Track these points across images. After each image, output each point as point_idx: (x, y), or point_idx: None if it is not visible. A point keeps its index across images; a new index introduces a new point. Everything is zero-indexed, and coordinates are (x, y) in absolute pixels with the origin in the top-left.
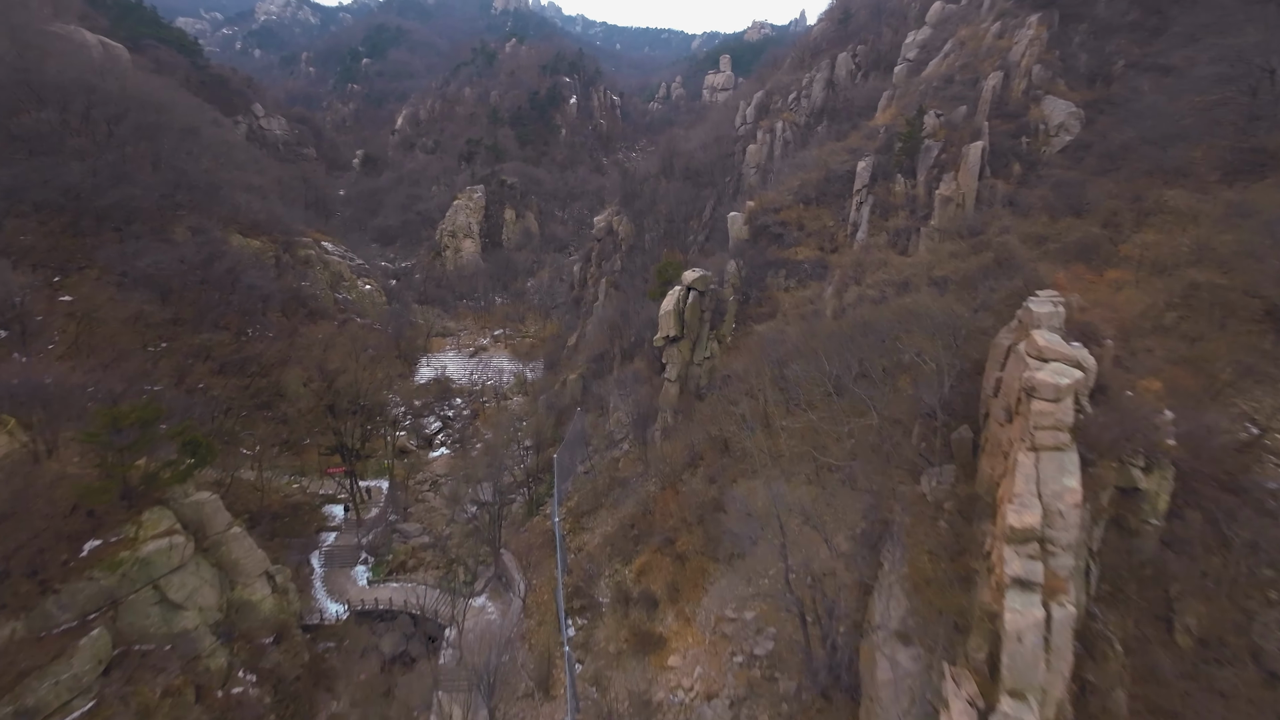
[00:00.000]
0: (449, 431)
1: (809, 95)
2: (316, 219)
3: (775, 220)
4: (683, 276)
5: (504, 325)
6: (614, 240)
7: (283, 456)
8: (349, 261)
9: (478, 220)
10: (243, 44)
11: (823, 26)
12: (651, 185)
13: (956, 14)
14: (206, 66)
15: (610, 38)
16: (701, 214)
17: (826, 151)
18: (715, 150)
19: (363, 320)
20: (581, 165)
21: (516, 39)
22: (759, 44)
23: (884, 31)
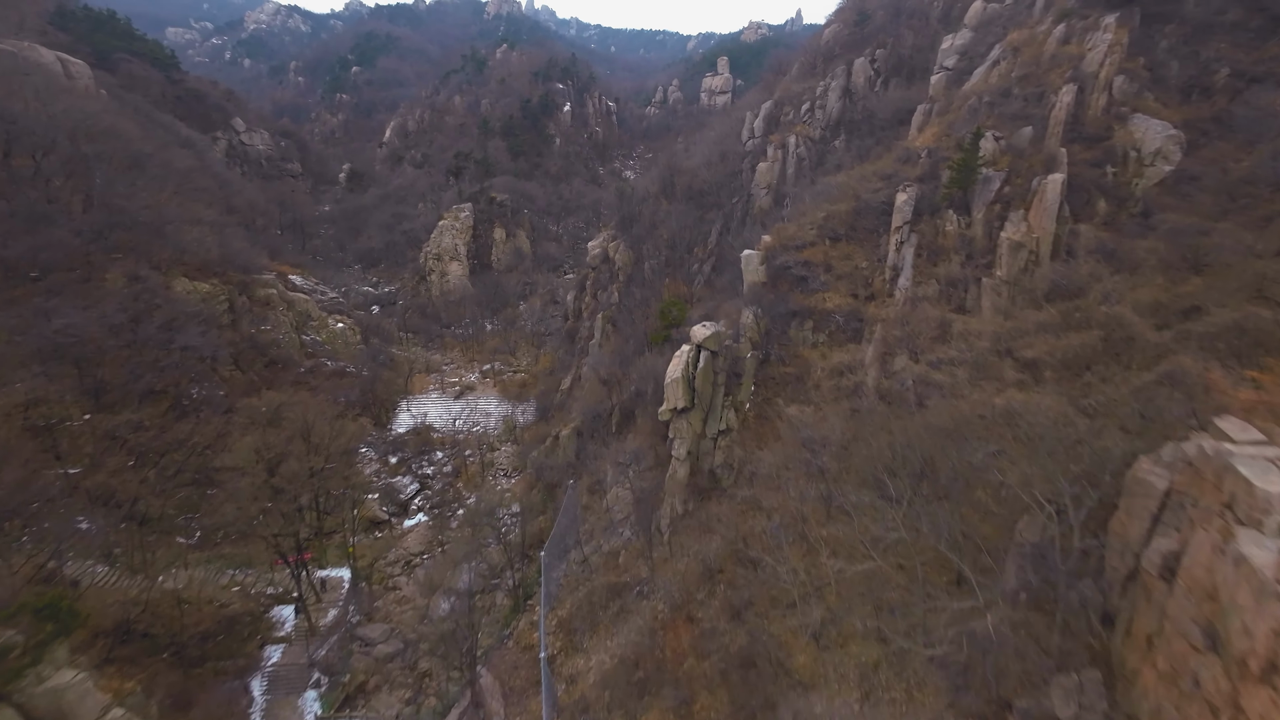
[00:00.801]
0: (427, 494)
1: (824, 106)
2: (294, 243)
3: (798, 261)
4: (692, 333)
5: (493, 358)
6: (610, 268)
7: (227, 543)
8: (320, 296)
9: (465, 241)
10: (232, 54)
11: (834, 29)
12: (651, 207)
13: (1002, 15)
14: (182, 81)
15: (605, 40)
16: (706, 240)
17: (855, 177)
18: (720, 168)
19: (333, 365)
20: (576, 177)
21: (508, 44)
22: (757, 45)
23: (904, 34)
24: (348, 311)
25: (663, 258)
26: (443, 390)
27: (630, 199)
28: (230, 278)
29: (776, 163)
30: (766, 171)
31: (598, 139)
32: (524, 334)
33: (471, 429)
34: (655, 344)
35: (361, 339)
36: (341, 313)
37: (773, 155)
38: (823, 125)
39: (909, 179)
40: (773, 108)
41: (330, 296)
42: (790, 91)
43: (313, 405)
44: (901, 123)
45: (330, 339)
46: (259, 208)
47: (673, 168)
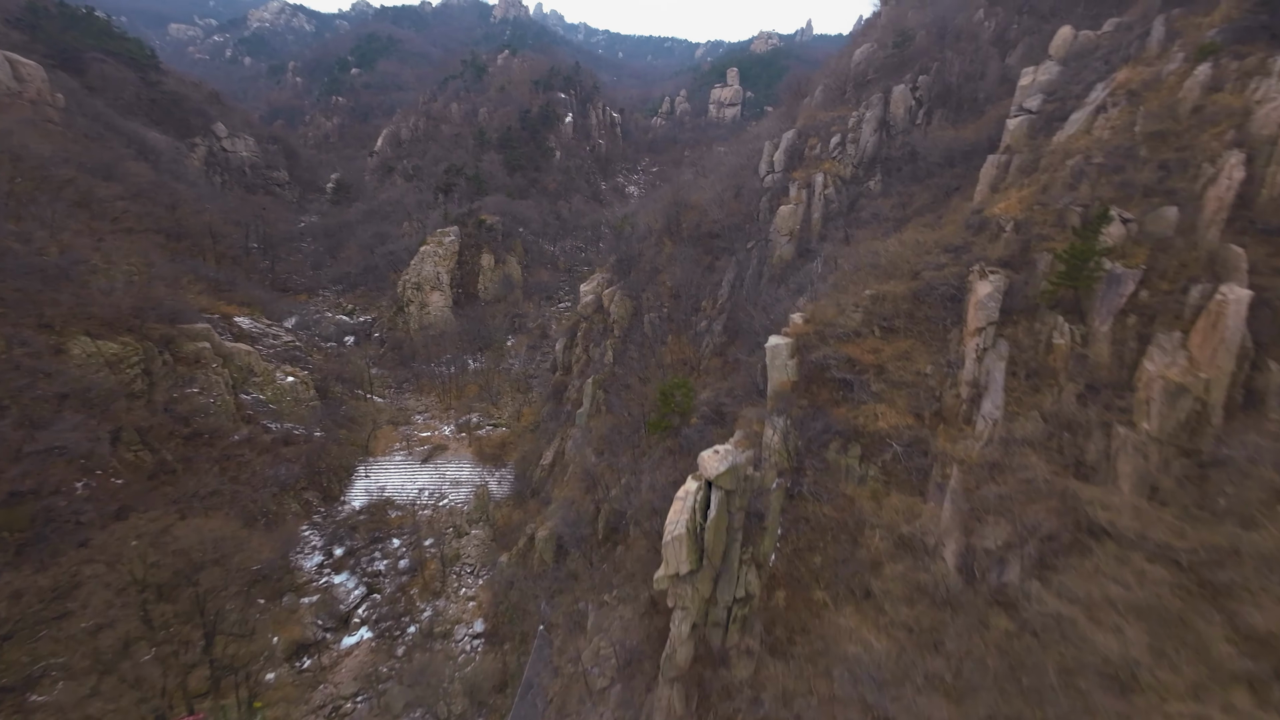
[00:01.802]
0: (375, 600)
1: (855, 140)
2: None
3: (838, 357)
4: (701, 462)
5: (472, 407)
6: (604, 320)
7: (94, 702)
8: (270, 342)
9: (449, 269)
10: (233, 52)
11: (867, 50)
12: (653, 247)
13: (1100, 46)
14: (159, 83)
15: (613, 46)
16: (717, 293)
17: (909, 245)
18: (734, 205)
19: (278, 429)
20: (576, 193)
21: (510, 50)
22: (767, 56)
23: (950, 58)
24: (305, 356)
25: (665, 310)
26: (409, 451)
27: (629, 238)
28: (150, 331)
29: (800, 205)
30: (789, 216)
31: (600, 152)
32: (509, 376)
33: (439, 503)
34: (653, 431)
35: (316, 393)
36: (295, 361)
37: (796, 196)
38: (855, 162)
39: (988, 259)
40: (795, 139)
41: (284, 340)
42: (816, 121)
43: (209, 527)
44: (951, 164)
45: (277, 396)
46: (219, 229)
47: (679, 202)
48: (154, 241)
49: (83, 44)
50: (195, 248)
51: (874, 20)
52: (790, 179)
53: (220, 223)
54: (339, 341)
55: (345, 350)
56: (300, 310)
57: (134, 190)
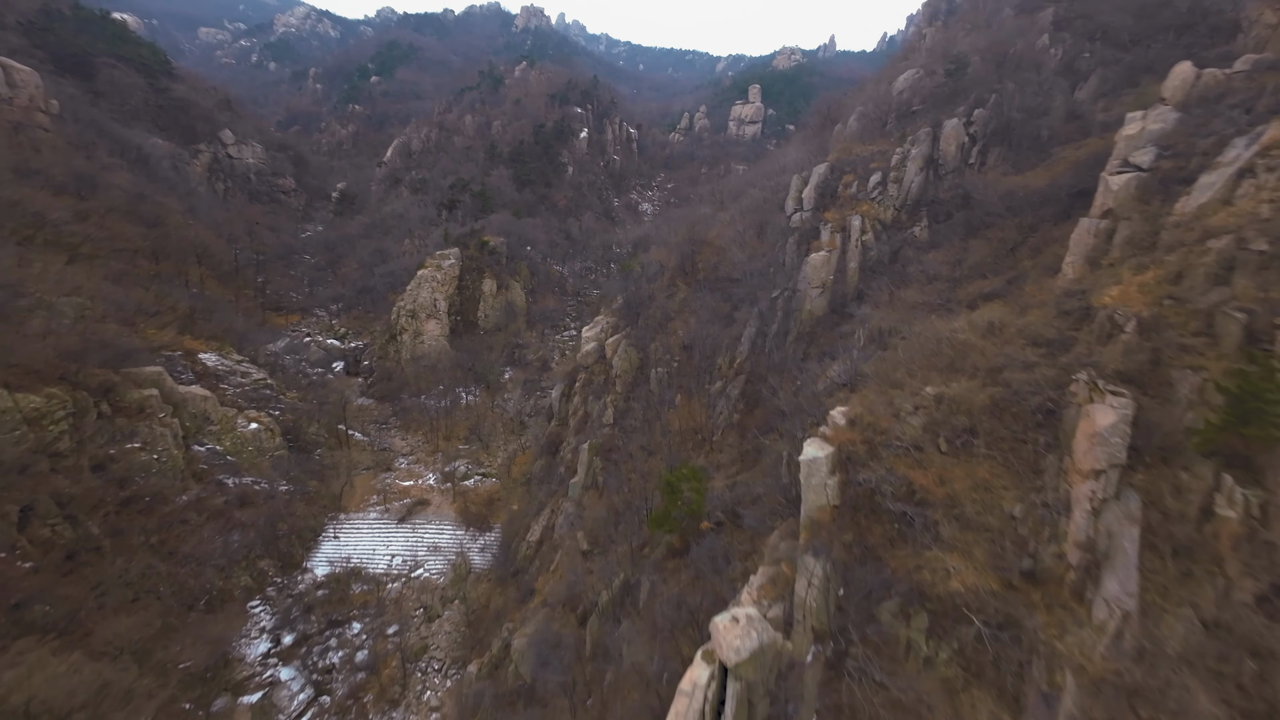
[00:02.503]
0: (322, 707)
1: (898, 180)
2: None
3: (893, 479)
4: (715, 633)
5: (460, 454)
6: (606, 372)
7: None
8: (238, 381)
9: (447, 295)
10: (259, 57)
11: (911, 77)
12: (664, 290)
13: (1237, 90)
14: (167, 89)
15: (633, 58)
16: (735, 348)
17: (980, 328)
18: (756, 246)
19: (236, 484)
20: (588, 210)
21: (527, 62)
22: (790, 72)
23: (1009, 90)
24: (277, 395)
25: (675, 365)
26: (386, 506)
27: (638, 278)
28: (89, 378)
29: (834, 252)
30: (821, 265)
31: (615, 168)
32: (503, 414)
33: (412, 573)
34: (654, 530)
35: (283, 441)
36: (264, 403)
37: (829, 240)
38: (897, 204)
39: (1099, 367)
40: (828, 174)
41: (253, 379)
42: (852, 155)
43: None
44: (1013, 213)
45: (236, 447)
46: (207, 246)
47: (694, 239)
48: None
49: (94, 48)
50: (178, 268)
51: (915, 42)
52: (822, 220)
53: (210, 238)
54: (326, 368)
55: (331, 380)
56: (292, 331)
57: (107, 206)
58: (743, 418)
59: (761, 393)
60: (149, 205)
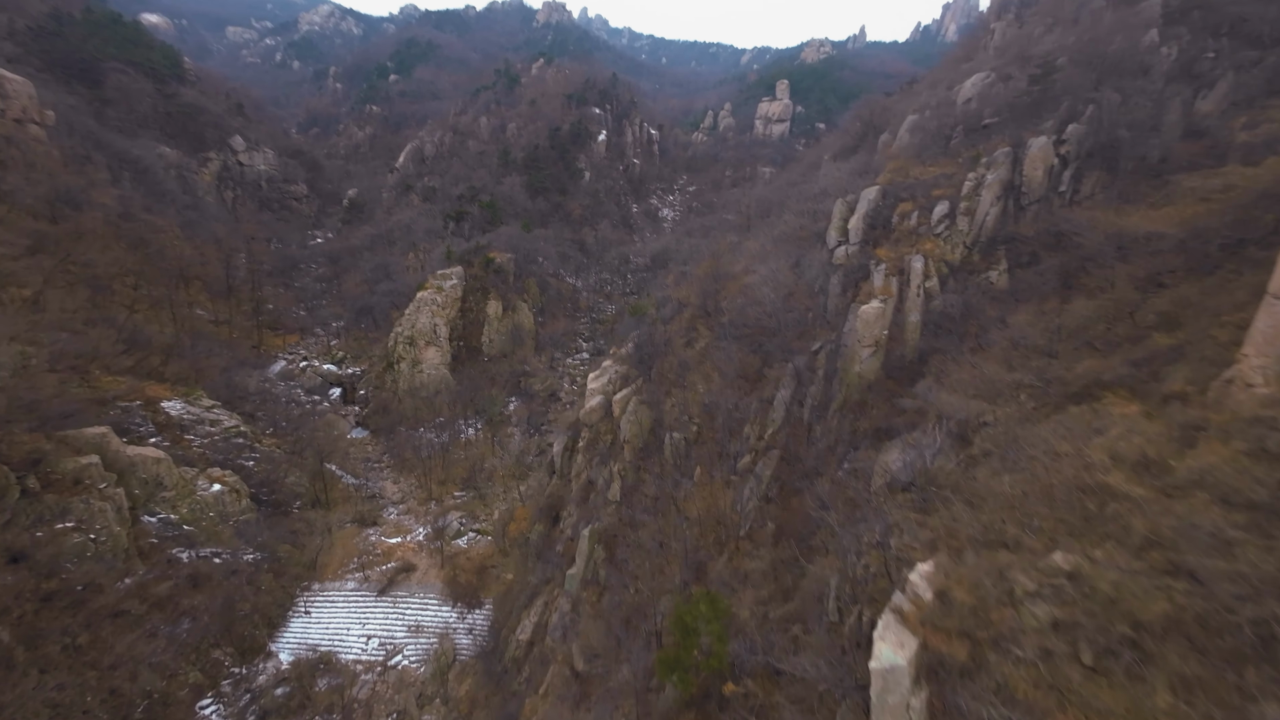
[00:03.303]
0: None
1: (970, 212)
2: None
3: (1010, 714)
4: None
5: (454, 503)
6: (613, 431)
7: None
8: (207, 431)
9: (449, 318)
10: (283, 55)
11: (981, 82)
12: (683, 333)
13: None
14: (175, 95)
15: (656, 52)
16: (767, 414)
17: (1130, 464)
18: (793, 284)
19: (191, 558)
20: (605, 219)
21: (545, 59)
22: (820, 66)
23: (1108, 98)
24: (252, 443)
25: (695, 429)
26: (366, 574)
27: (650, 321)
28: (14, 448)
29: (889, 301)
30: (874, 319)
31: (634, 172)
32: (505, 454)
33: (388, 661)
34: (665, 678)
35: (252, 502)
36: (233, 455)
37: (882, 286)
38: (968, 242)
39: None
40: (880, 201)
41: (225, 428)
42: (910, 177)
43: None
44: (1123, 259)
45: (195, 514)
46: (198, 265)
47: (718, 273)
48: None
49: (104, 53)
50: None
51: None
52: (873, 257)
53: (210, 253)
54: (323, 394)
55: (324, 410)
56: (289, 353)
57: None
58: (776, 508)
59: (799, 477)
60: (134, 225)
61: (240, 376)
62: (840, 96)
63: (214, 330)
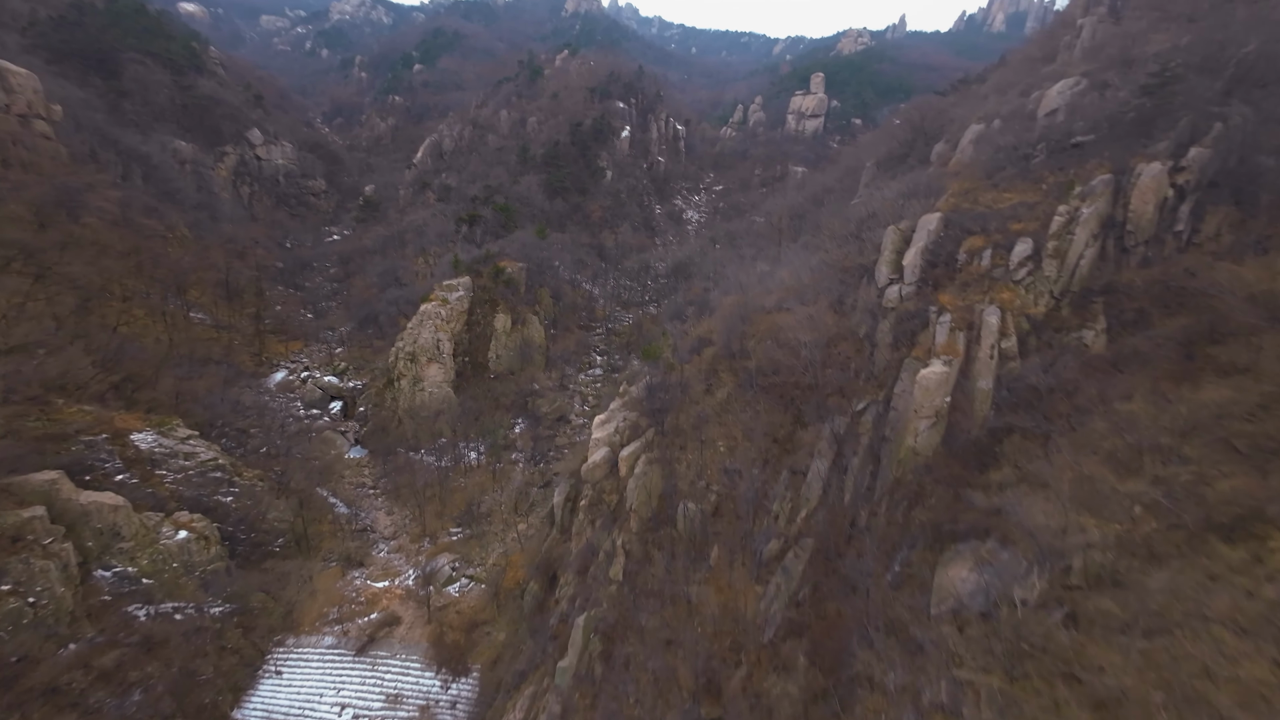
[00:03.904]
0: None
1: (1059, 254)
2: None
3: None
4: None
5: (449, 544)
6: (618, 490)
7: None
8: (180, 465)
9: (453, 333)
10: (312, 44)
11: (1070, 90)
12: (703, 378)
13: None
14: (192, 87)
15: (686, 41)
16: (800, 491)
17: None
18: (832, 323)
19: (149, 616)
20: (626, 222)
21: (569, 50)
22: (857, 59)
23: (1240, 115)
24: (231, 477)
25: (714, 499)
26: (346, 626)
27: (666, 368)
28: None
29: (955, 362)
30: (936, 385)
31: (659, 170)
32: (507, 486)
33: None
34: None
35: (223, 549)
36: (206, 493)
37: (945, 343)
38: (1055, 291)
39: None
40: (942, 231)
41: (201, 461)
42: (979, 204)
43: None
44: (1269, 324)
45: (157, 565)
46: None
47: (744, 311)
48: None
49: (123, 44)
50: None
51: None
52: (933, 303)
53: (218, 256)
54: (323, 408)
55: (322, 427)
56: (291, 362)
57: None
58: (808, 614)
59: (837, 581)
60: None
61: (236, 390)
62: (879, 90)
63: (214, 337)
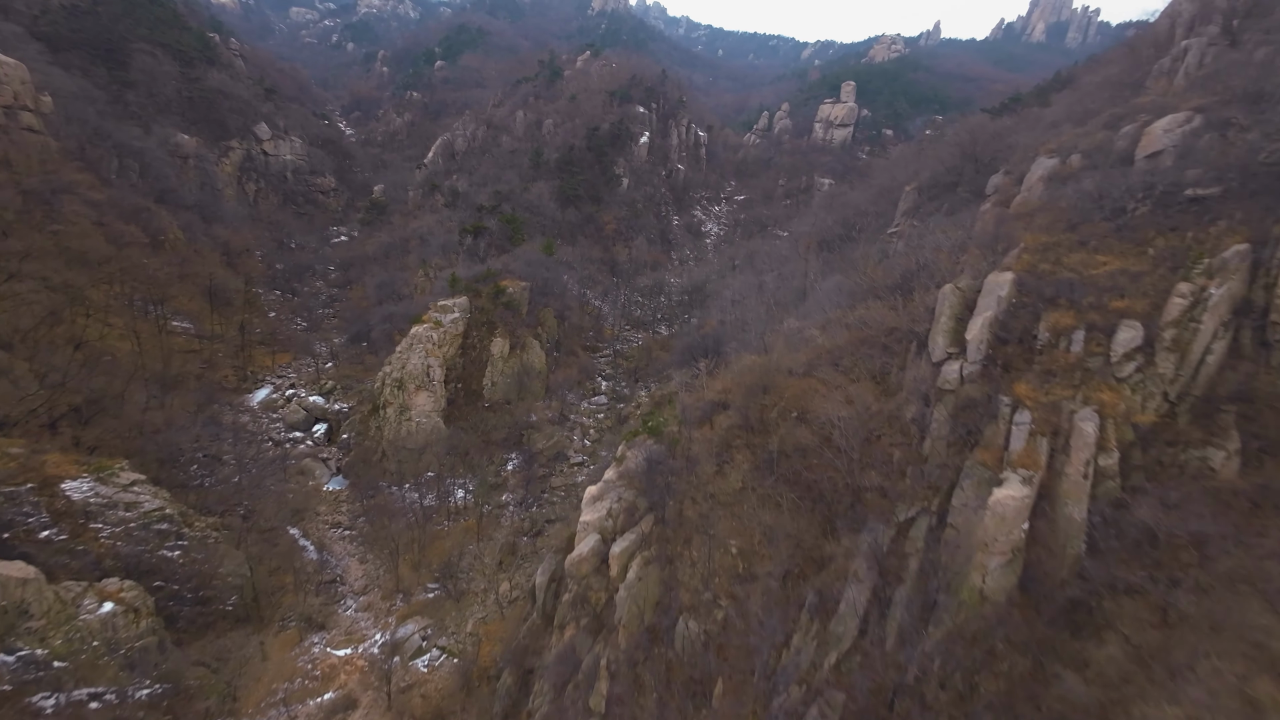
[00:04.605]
0: None
1: (1179, 346)
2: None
3: None
4: None
5: (423, 605)
6: (608, 591)
7: None
8: (120, 516)
9: (446, 358)
10: (339, 37)
11: (1184, 128)
12: (713, 456)
13: None
14: (199, 79)
15: (714, 42)
16: (829, 623)
17: None
18: (875, 399)
19: (56, 708)
20: (641, 233)
21: (591, 51)
22: (891, 67)
23: None
24: (180, 528)
25: (720, 617)
26: (291, 714)
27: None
28: None
29: (1035, 478)
30: (1012, 515)
31: (678, 179)
32: (495, 531)
33: None
34: None
35: (157, 618)
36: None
37: (1024, 451)
38: (1172, 394)
39: None
40: (1016, 298)
41: (145, 511)
42: (1062, 268)
43: None
44: None
45: (74, 645)
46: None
47: (766, 376)
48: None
49: (135, 33)
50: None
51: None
52: (1005, 393)
53: (212, 264)
54: (307, 430)
55: (302, 453)
56: (278, 377)
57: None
58: None
59: None
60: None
61: (214, 410)
62: (911, 100)
63: (196, 349)
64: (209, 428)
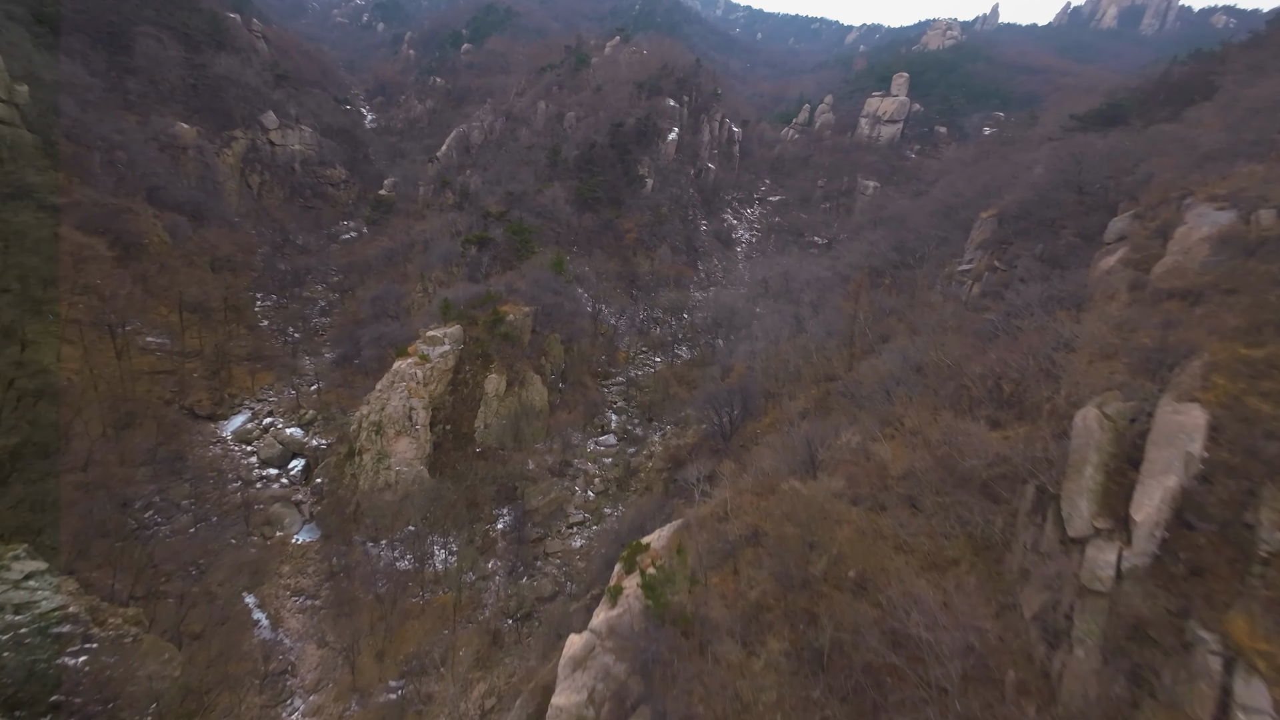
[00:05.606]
0: None
1: None
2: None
3: None
4: None
5: (386, 710)
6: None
7: None
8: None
9: (431, 398)
10: (369, 17)
11: None
12: (740, 625)
13: None
14: (202, 66)
15: (753, 25)
16: None
17: None
18: (978, 602)
19: None
20: (665, 241)
21: (621, 37)
22: (946, 56)
23: None
24: (88, 629)
25: None
26: None
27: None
28: None
29: None
30: None
31: (707, 180)
32: (480, 605)
33: None
34: None
35: None
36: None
37: None
38: None
39: None
40: (1211, 451)
41: (44, 612)
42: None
43: None
44: None
45: None
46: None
47: (812, 515)
48: None
49: (139, 16)
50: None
51: None
52: (1210, 626)
53: (199, 274)
54: (282, 467)
55: (271, 497)
56: (257, 401)
57: None
58: None
59: None
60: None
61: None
62: (968, 94)
63: (169, 370)
64: (169, 464)
